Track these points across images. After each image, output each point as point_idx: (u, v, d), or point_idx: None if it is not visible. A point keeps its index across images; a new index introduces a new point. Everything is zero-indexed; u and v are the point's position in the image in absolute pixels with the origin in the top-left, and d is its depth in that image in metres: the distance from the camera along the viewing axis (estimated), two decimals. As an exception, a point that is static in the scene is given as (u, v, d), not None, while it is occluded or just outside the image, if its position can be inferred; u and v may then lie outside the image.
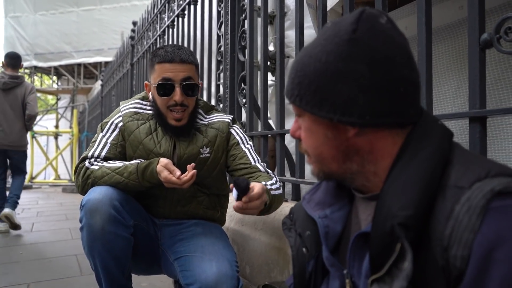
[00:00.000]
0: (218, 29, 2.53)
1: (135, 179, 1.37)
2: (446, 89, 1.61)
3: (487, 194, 0.54)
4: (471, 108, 1.02)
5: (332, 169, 0.71)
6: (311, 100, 0.66)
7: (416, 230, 0.56)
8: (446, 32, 1.61)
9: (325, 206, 0.78)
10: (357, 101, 0.62)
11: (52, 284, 2.43)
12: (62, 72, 12.17)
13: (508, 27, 0.94)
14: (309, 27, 2.35)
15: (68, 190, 8.85)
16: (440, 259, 0.55)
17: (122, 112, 1.54)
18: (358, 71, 0.62)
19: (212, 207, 1.59)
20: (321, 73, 0.64)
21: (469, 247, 0.53)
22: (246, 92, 2.19)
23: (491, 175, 0.56)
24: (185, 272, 1.34)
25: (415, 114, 0.66)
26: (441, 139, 0.64)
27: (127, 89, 5.22)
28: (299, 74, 0.68)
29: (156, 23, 3.92)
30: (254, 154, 1.54)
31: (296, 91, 0.68)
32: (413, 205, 0.57)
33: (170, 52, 1.42)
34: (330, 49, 0.64)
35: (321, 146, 0.70)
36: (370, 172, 0.68)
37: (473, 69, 1.02)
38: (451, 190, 0.57)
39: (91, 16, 10.85)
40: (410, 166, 0.61)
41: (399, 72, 0.63)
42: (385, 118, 0.63)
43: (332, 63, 0.63)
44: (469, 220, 0.53)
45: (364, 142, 0.66)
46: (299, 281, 0.81)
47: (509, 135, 1.40)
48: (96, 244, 1.31)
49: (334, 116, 0.64)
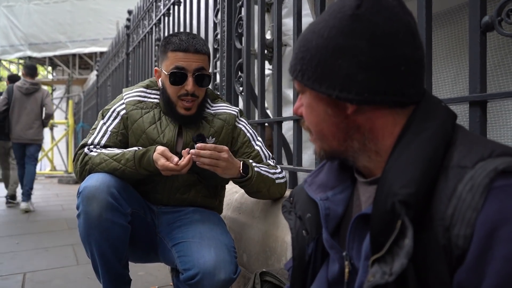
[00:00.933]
0: (215, 16, 2.50)
1: (131, 166, 1.36)
2: (446, 75, 1.59)
3: (490, 172, 0.53)
4: (472, 92, 1.01)
5: (333, 146, 0.71)
6: (312, 76, 0.66)
7: (417, 209, 0.55)
8: (446, 17, 1.60)
9: (327, 189, 0.78)
10: (355, 78, 0.62)
11: (49, 273, 2.42)
12: (57, 63, 12.06)
13: (510, 9, 0.92)
14: (307, 15, 2.32)
15: (64, 181, 8.84)
16: (441, 239, 0.55)
17: (125, 100, 1.52)
18: (358, 47, 0.61)
19: (210, 195, 1.58)
20: (323, 48, 0.64)
21: (472, 226, 0.52)
22: (243, 80, 2.17)
23: (494, 155, 0.55)
24: (183, 258, 1.34)
25: (416, 94, 0.65)
26: (444, 120, 0.63)
27: (123, 79, 5.18)
28: (302, 49, 0.67)
29: (151, 11, 3.87)
30: (266, 150, 1.56)
31: (298, 66, 0.68)
32: (415, 184, 0.56)
33: (184, 41, 1.40)
34: (333, 24, 0.63)
35: (321, 123, 0.70)
36: (372, 151, 0.67)
37: (474, 53, 1.01)
38: (454, 170, 0.56)
39: (86, 6, 10.71)
40: (412, 145, 0.60)
41: (401, 50, 0.62)
42: (384, 96, 0.62)
43: (333, 38, 0.63)
44: (472, 198, 0.53)
45: (364, 120, 0.66)
46: (298, 263, 0.80)
47: (508, 121, 1.39)
48: (93, 231, 1.30)
49: (333, 92, 0.64)
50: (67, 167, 10.83)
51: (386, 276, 0.55)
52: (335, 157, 0.73)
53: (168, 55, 1.42)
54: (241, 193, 1.84)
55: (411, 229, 0.54)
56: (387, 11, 0.62)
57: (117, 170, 1.37)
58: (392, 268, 0.55)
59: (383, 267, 0.56)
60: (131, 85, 4.82)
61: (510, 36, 0.94)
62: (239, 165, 1.37)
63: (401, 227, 0.55)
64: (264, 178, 1.42)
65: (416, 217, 0.55)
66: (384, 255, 0.57)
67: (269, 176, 1.44)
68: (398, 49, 0.62)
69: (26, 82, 5.00)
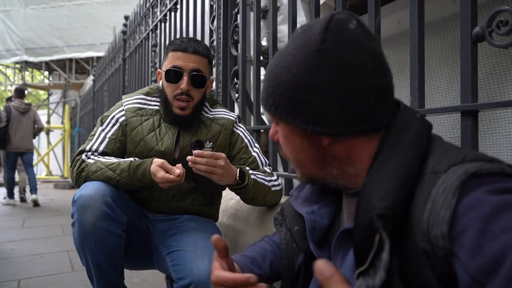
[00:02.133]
0: (211, 23, 2.51)
1: (126, 177, 1.35)
2: (438, 83, 1.61)
3: (461, 175, 0.54)
4: (463, 102, 1.02)
5: (313, 173, 0.72)
6: (285, 110, 0.66)
7: (395, 221, 0.56)
8: (438, 26, 1.61)
9: (312, 203, 0.80)
10: (328, 112, 0.63)
11: (43, 280, 2.41)
12: (54, 67, 12.05)
13: (500, 20, 0.94)
14: (302, 22, 2.34)
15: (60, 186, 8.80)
16: (420, 243, 0.55)
17: (124, 107, 1.52)
18: (328, 82, 0.62)
19: (207, 203, 1.58)
20: (292, 85, 0.64)
21: (447, 223, 0.52)
22: (238, 86, 2.17)
23: (466, 160, 0.57)
24: (177, 267, 1.34)
25: (388, 118, 0.66)
26: (419, 131, 0.64)
27: (119, 84, 5.18)
28: (272, 83, 0.68)
29: (148, 17, 3.89)
30: (262, 157, 1.57)
31: (271, 100, 0.68)
32: (391, 196, 0.57)
33: (185, 42, 1.44)
34: (300, 60, 0.64)
35: (299, 153, 0.71)
36: (351, 175, 0.69)
37: (465, 63, 1.02)
38: (428, 176, 0.58)
39: (82, 11, 10.72)
40: (388, 160, 0.62)
41: (369, 80, 0.62)
42: (357, 126, 0.64)
43: (302, 74, 0.63)
44: (445, 199, 0.54)
45: (340, 149, 0.67)
46: (287, 273, 0.82)
47: (500, 129, 1.41)
48: (87, 240, 1.30)
49: (307, 126, 0.65)
50: (63, 172, 10.79)
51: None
52: (317, 182, 0.75)
53: (169, 55, 1.45)
54: (237, 200, 1.85)
55: (388, 243, 0.55)
56: (352, 41, 0.62)
57: (112, 179, 1.36)
58: (375, 282, 0.56)
59: (367, 280, 0.57)
60: (127, 90, 4.82)
61: (500, 47, 0.95)
62: (235, 172, 1.37)
63: (380, 241, 0.56)
64: (260, 185, 1.43)
65: (396, 228, 0.56)
66: (367, 269, 0.58)
67: (265, 183, 1.45)
68: (367, 79, 0.62)
69: (22, 103, 6.34)
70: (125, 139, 1.49)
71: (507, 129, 1.39)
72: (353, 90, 0.62)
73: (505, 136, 1.39)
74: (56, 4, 10.97)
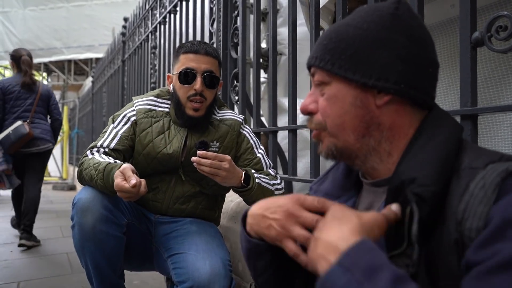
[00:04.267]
0: (211, 26, 2.52)
1: (101, 179, 1.29)
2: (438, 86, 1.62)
3: (502, 172, 0.56)
4: (463, 106, 1.03)
5: (348, 142, 0.70)
6: (345, 64, 0.67)
7: (431, 205, 0.58)
8: (437, 30, 1.62)
9: (332, 198, 0.79)
10: (395, 68, 0.65)
11: (43, 282, 2.41)
12: (52, 69, 12.04)
13: (500, 25, 0.95)
14: (302, 24, 2.35)
15: (59, 188, 8.77)
16: (453, 233, 0.57)
17: (136, 107, 1.53)
18: (399, 41, 0.65)
19: (210, 207, 1.59)
20: (362, 38, 0.67)
21: (484, 219, 0.54)
22: (238, 89, 2.18)
23: (504, 159, 0.59)
24: (178, 270, 1.34)
25: (433, 98, 0.70)
26: (455, 129, 0.66)
27: (118, 86, 5.17)
28: (334, 40, 0.69)
29: (147, 19, 3.89)
30: (267, 159, 1.58)
31: (328, 56, 0.69)
32: (431, 181, 0.59)
33: (196, 45, 1.47)
34: (372, 19, 0.67)
35: (344, 114, 0.69)
36: (384, 152, 0.69)
37: (465, 67, 1.03)
38: (466, 171, 0.59)
39: (81, 12, 10.72)
40: (427, 147, 0.63)
41: (430, 54, 0.68)
42: (416, 91, 0.66)
43: (374, 30, 0.66)
44: (484, 194, 0.55)
45: (387, 117, 0.68)
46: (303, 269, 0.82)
47: (499, 132, 1.41)
48: (87, 243, 1.30)
49: (369, 80, 0.66)
50: (62, 174, 10.76)
51: (410, 269, 0.57)
52: (345, 155, 0.72)
53: (180, 58, 1.47)
54: (237, 202, 1.85)
55: (417, 213, 0.56)
56: (418, 20, 0.69)
57: (92, 180, 1.32)
58: (412, 258, 0.57)
59: (405, 261, 0.58)
60: (126, 92, 4.82)
61: (500, 52, 0.96)
62: (241, 174, 1.38)
63: (410, 215, 0.57)
64: (264, 189, 1.43)
65: (432, 214, 0.58)
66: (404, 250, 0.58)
67: (269, 187, 1.45)
68: (429, 53, 0.68)
69: None
70: (135, 138, 1.50)
71: (505, 132, 1.40)
72: (419, 55, 0.66)
73: (503, 139, 1.40)
74: (55, 6, 10.96)
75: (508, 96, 1.39)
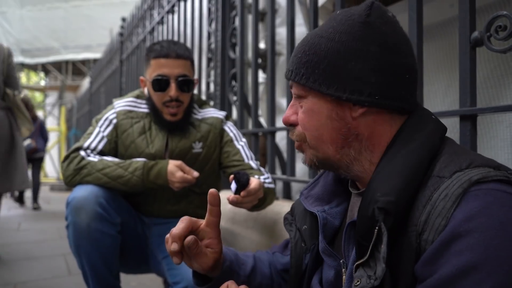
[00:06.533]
0: (209, 26, 2.51)
1: (139, 175, 1.35)
2: (437, 87, 1.61)
3: (464, 183, 0.55)
4: (462, 106, 1.02)
5: (328, 154, 0.70)
6: (319, 78, 0.66)
7: (395, 216, 0.57)
8: (436, 30, 1.62)
9: (323, 203, 0.79)
10: (368, 80, 0.64)
11: (40, 284, 2.39)
12: (50, 69, 12.01)
13: (499, 25, 0.94)
14: (300, 25, 2.34)
15: (56, 189, 8.76)
16: (414, 243, 0.57)
17: (116, 109, 1.52)
18: (371, 51, 0.64)
19: (203, 206, 1.57)
20: (334, 51, 0.65)
21: (439, 233, 0.54)
22: (236, 89, 2.17)
23: (472, 166, 0.57)
24: (172, 271, 1.33)
25: (414, 103, 0.68)
26: (433, 132, 0.65)
27: (117, 86, 5.16)
28: (307, 53, 0.68)
29: (145, 19, 3.88)
30: (248, 151, 1.55)
31: (303, 70, 0.68)
32: (395, 192, 0.58)
33: (165, 47, 1.42)
34: (343, 30, 0.65)
35: (321, 127, 0.69)
36: (366, 161, 0.68)
37: (464, 68, 1.02)
38: (433, 179, 0.59)
39: (79, 12, 10.69)
40: (398, 155, 0.62)
41: (405, 59, 0.66)
42: (392, 100, 0.65)
43: (346, 42, 0.65)
44: (443, 207, 0.55)
45: (365, 126, 0.67)
46: (295, 271, 0.83)
47: (499, 133, 1.41)
48: (82, 242, 1.29)
49: (343, 94, 0.65)
50: (59, 175, 10.74)
51: (372, 281, 0.57)
52: (328, 166, 0.73)
53: (151, 63, 1.43)
54: (235, 203, 1.84)
55: (386, 234, 0.56)
56: (392, 23, 0.67)
57: (122, 177, 1.35)
58: (376, 273, 0.56)
59: (367, 272, 0.58)
60: (124, 92, 4.80)
61: (499, 52, 0.95)
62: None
63: (378, 233, 0.57)
64: (269, 192, 1.37)
65: (396, 224, 0.57)
66: (368, 260, 0.59)
67: (269, 186, 1.40)
68: (403, 58, 0.66)
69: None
70: (117, 141, 1.49)
71: (505, 132, 1.39)
72: (392, 63, 0.64)
73: (503, 140, 1.40)
74: (53, 6, 10.94)
75: (507, 95, 1.38)
